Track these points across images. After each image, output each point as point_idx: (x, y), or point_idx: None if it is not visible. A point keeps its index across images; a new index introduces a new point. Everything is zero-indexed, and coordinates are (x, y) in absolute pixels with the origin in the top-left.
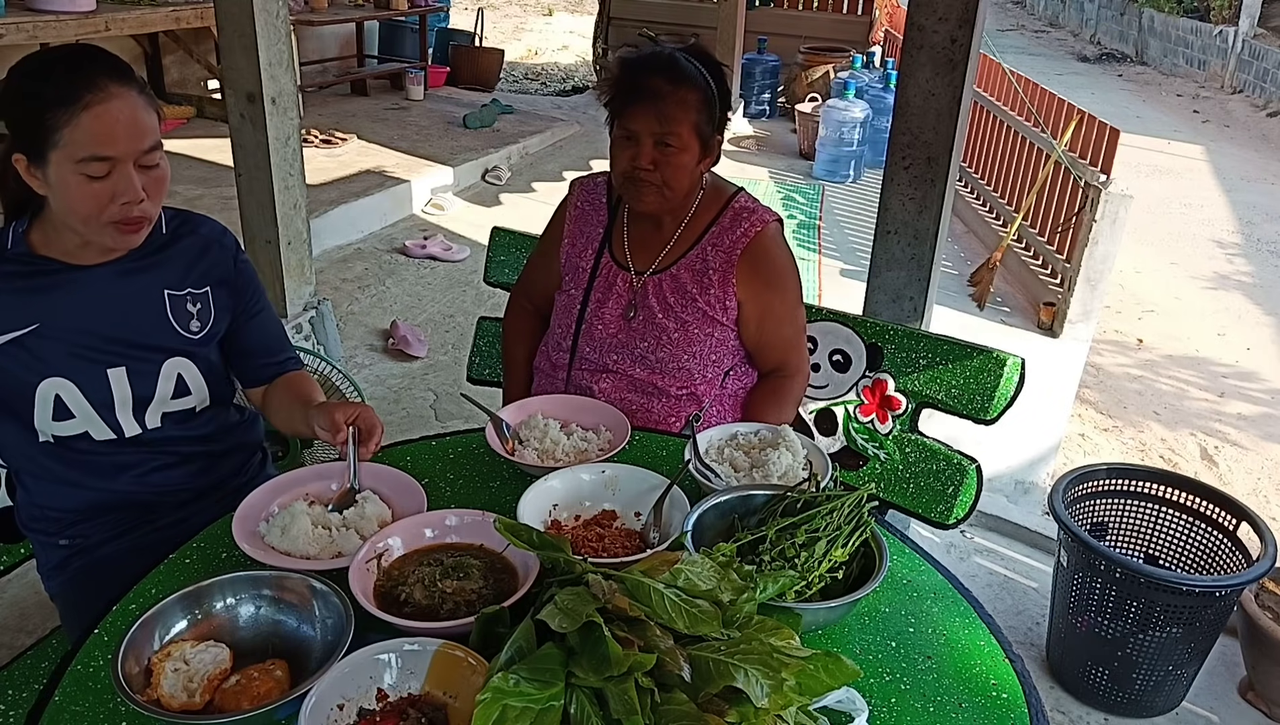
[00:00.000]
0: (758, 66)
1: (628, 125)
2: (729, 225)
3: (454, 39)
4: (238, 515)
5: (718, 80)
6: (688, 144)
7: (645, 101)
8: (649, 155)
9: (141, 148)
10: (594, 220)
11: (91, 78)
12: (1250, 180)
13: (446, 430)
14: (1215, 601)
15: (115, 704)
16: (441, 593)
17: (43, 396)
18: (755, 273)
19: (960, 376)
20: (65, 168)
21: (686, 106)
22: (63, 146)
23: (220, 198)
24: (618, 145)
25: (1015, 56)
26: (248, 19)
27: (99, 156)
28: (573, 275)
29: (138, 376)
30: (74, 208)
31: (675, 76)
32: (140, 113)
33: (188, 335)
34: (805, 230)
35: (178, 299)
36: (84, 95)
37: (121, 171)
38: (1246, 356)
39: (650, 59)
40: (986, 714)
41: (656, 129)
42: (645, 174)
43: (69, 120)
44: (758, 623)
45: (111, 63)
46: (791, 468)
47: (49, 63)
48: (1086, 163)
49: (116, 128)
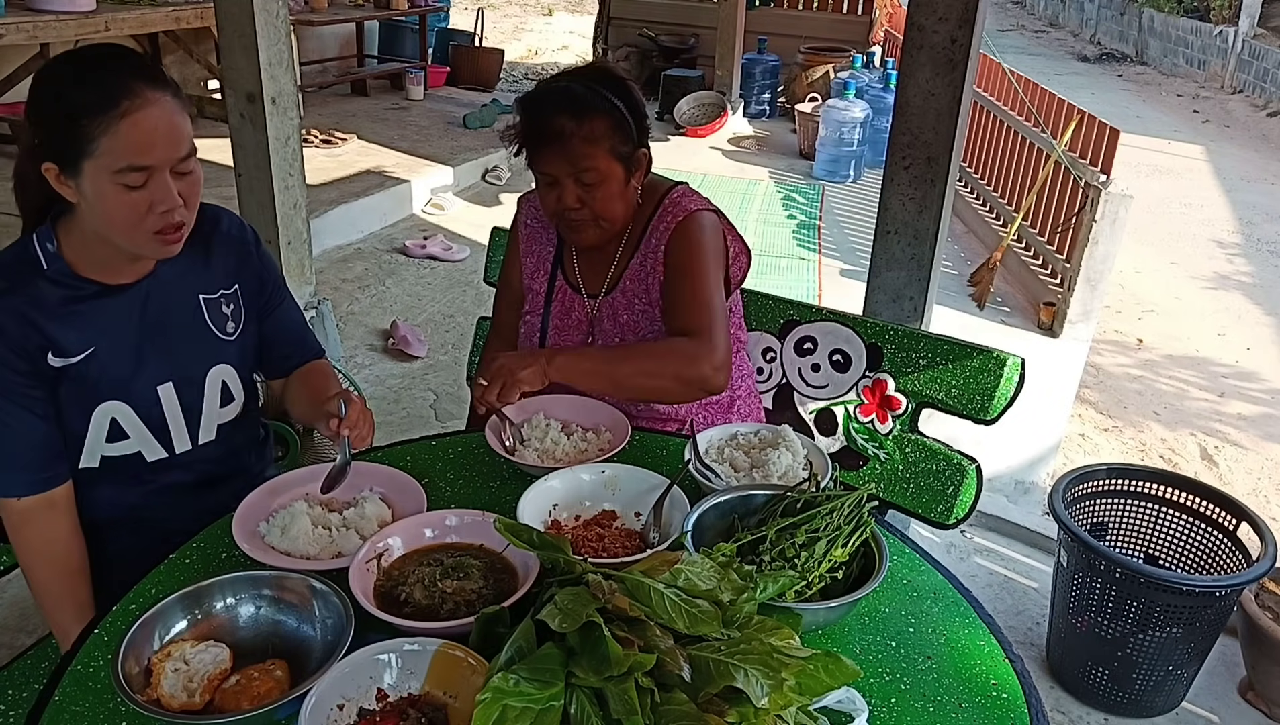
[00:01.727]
0: (758, 66)
1: (543, 169)
2: (657, 223)
3: (454, 39)
4: (238, 515)
5: (623, 96)
6: (608, 173)
7: (552, 144)
8: (573, 194)
9: (179, 155)
10: (544, 238)
11: (127, 83)
12: (1250, 180)
13: (446, 430)
14: (1215, 601)
15: (115, 704)
16: (441, 593)
17: (98, 422)
18: (672, 266)
19: (960, 376)
20: (102, 178)
21: (595, 138)
22: (99, 156)
23: (220, 198)
24: (540, 189)
25: (1015, 56)
26: (248, 19)
27: (137, 166)
28: (530, 299)
29: (185, 389)
30: (111, 218)
31: (577, 111)
32: (176, 118)
33: (226, 338)
34: (805, 230)
35: (213, 302)
36: (121, 102)
37: (158, 180)
38: (1246, 356)
39: (547, 99)
40: (986, 714)
41: (570, 169)
42: (574, 213)
43: (106, 129)
44: (758, 623)
45: (145, 66)
46: (791, 468)
47: (81, 66)
48: (1086, 163)
49: (155, 135)
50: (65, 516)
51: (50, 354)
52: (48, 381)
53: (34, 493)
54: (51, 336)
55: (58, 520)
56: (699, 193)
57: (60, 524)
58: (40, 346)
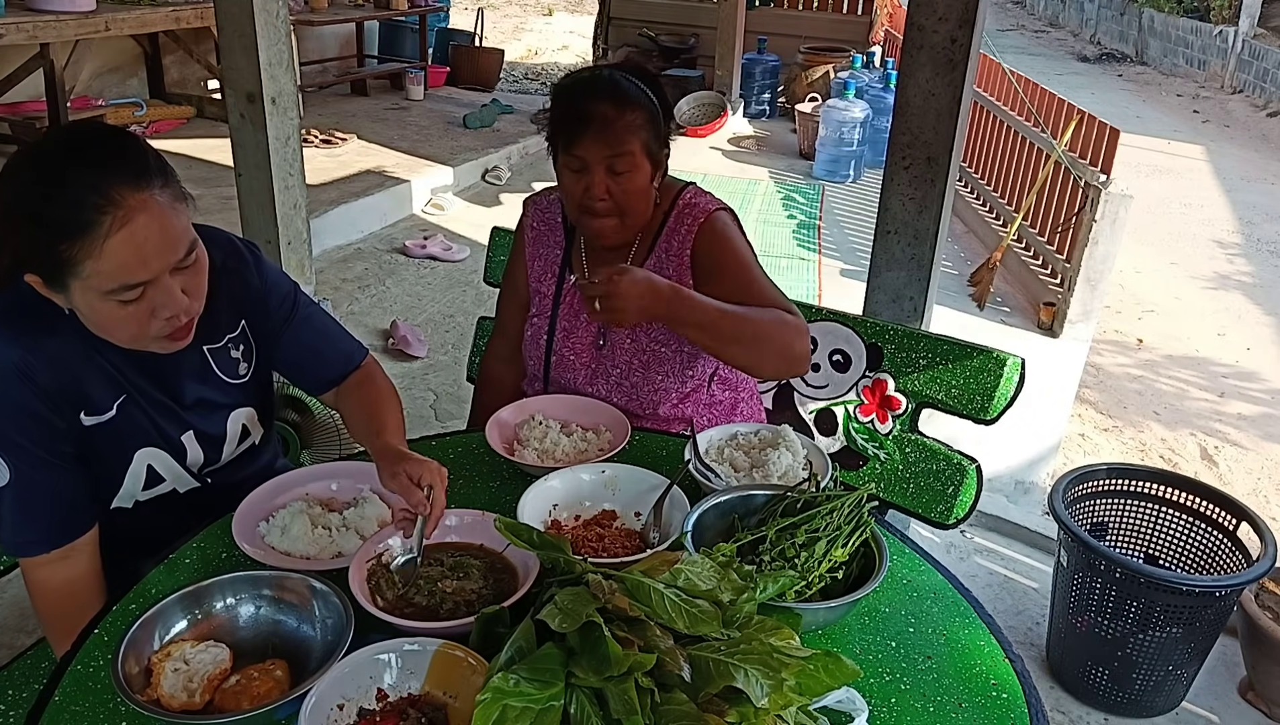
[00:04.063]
0: (758, 66)
1: (578, 154)
2: (675, 225)
3: (454, 39)
4: (238, 515)
5: (659, 96)
6: (640, 164)
7: (594, 129)
8: (603, 184)
9: (177, 258)
10: (551, 241)
11: (107, 192)
12: (1250, 180)
13: (446, 430)
14: (1215, 601)
15: (115, 704)
16: (442, 593)
17: (134, 471)
18: (708, 266)
19: (960, 376)
20: (92, 296)
21: (634, 128)
22: (86, 278)
23: (220, 198)
24: (567, 177)
25: (1015, 56)
26: (248, 19)
27: (131, 285)
28: (537, 302)
29: (206, 437)
30: (110, 333)
31: (620, 100)
32: (169, 219)
33: (239, 382)
34: (805, 230)
35: (219, 351)
36: (102, 219)
37: (158, 286)
38: (1246, 356)
39: (591, 84)
40: (986, 714)
41: (608, 154)
42: (602, 206)
43: (90, 251)
44: (758, 623)
45: (124, 158)
46: (791, 468)
47: (49, 177)
48: (1086, 163)
49: (147, 248)
50: (85, 559)
51: (83, 413)
52: (79, 437)
53: (55, 549)
54: (85, 390)
55: (76, 563)
56: (707, 191)
57: (78, 566)
58: (73, 402)
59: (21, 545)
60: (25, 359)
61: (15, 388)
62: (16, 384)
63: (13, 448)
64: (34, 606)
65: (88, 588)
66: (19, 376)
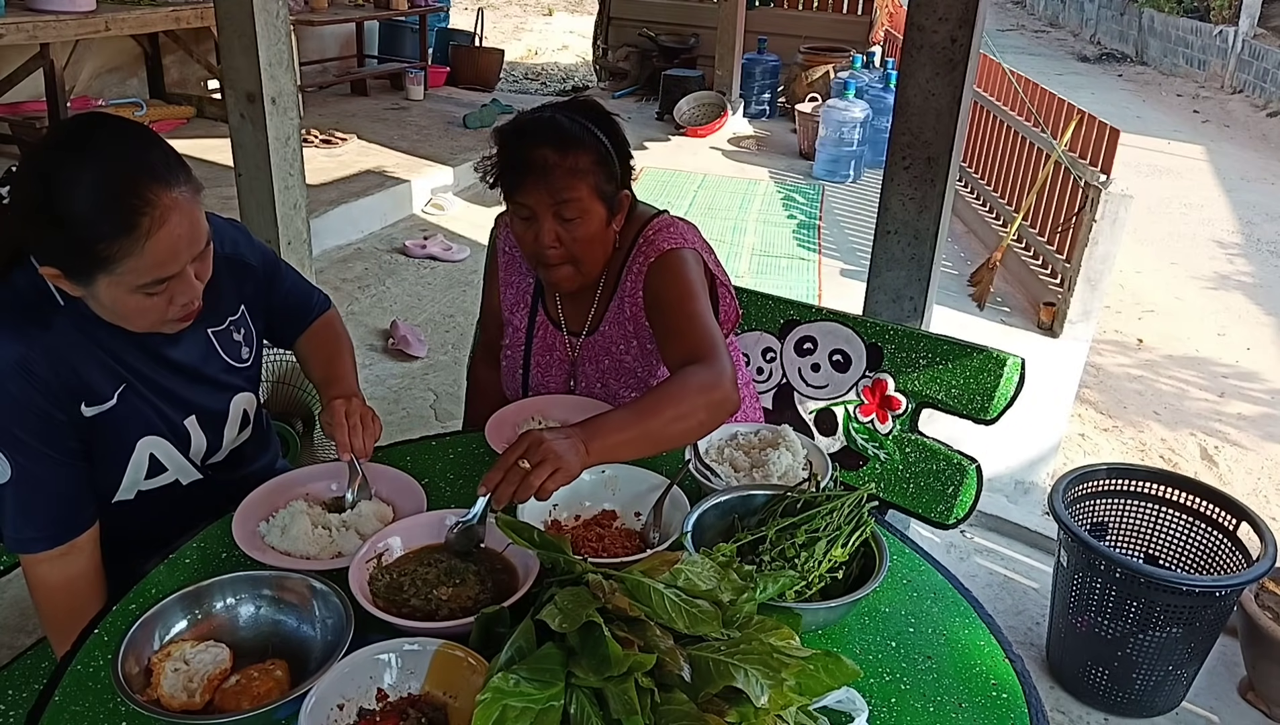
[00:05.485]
0: (758, 66)
1: (522, 201)
2: (633, 262)
3: (454, 39)
4: (238, 515)
5: (609, 133)
6: (590, 209)
7: (534, 175)
8: (552, 231)
9: (199, 250)
10: (522, 269)
11: (144, 194)
12: (1250, 180)
13: (446, 430)
14: (1215, 601)
15: (115, 704)
16: (437, 600)
17: (136, 461)
18: (652, 303)
19: (960, 376)
20: (120, 290)
21: (579, 172)
22: (119, 274)
23: (220, 198)
24: (518, 225)
25: (1015, 56)
26: (248, 19)
27: (163, 278)
28: (511, 334)
29: (209, 422)
30: (129, 321)
31: (561, 143)
32: (195, 211)
33: (242, 365)
34: (805, 230)
35: (223, 333)
36: (141, 221)
37: (181, 277)
38: (1246, 356)
39: (530, 127)
40: (986, 714)
41: (550, 201)
42: (553, 254)
43: (131, 250)
44: (758, 623)
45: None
46: (791, 468)
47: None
48: (1086, 163)
49: (179, 245)
50: (85, 556)
51: (84, 404)
52: (81, 428)
53: (56, 546)
54: (85, 381)
55: (77, 560)
56: (681, 222)
57: (78, 563)
58: (74, 393)
59: (22, 542)
60: (25, 354)
61: (16, 383)
62: (17, 379)
63: (14, 443)
64: (34, 603)
65: (88, 585)
66: (19, 372)
